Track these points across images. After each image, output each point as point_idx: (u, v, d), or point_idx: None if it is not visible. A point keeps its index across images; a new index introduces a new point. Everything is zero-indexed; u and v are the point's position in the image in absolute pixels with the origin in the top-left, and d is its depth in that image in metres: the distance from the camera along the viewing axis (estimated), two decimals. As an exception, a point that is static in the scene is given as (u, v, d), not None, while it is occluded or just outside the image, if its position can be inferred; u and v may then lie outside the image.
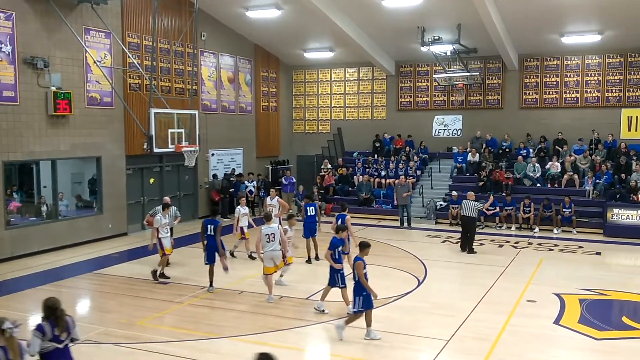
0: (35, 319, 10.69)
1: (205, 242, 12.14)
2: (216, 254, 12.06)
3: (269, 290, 11.41)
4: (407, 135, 24.70)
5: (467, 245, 15.99)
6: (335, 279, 10.47)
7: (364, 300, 9.14)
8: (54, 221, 16.41)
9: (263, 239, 11.29)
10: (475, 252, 15.84)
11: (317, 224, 14.82)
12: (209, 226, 12.08)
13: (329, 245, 10.52)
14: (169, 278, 12.55)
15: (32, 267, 14.28)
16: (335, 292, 10.58)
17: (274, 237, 11.27)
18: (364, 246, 9.45)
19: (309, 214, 14.76)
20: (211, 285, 12.10)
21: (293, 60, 26.35)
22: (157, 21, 17.16)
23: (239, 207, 15.16)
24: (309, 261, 14.59)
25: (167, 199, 14.63)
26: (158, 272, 12.80)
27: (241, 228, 14.91)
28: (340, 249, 10.59)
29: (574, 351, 9.10)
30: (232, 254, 14.90)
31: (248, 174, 22.93)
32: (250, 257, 14.88)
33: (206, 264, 12.13)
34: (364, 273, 9.15)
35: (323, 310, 10.62)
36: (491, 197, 17.22)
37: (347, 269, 12.62)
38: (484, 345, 9.09)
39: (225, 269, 12.13)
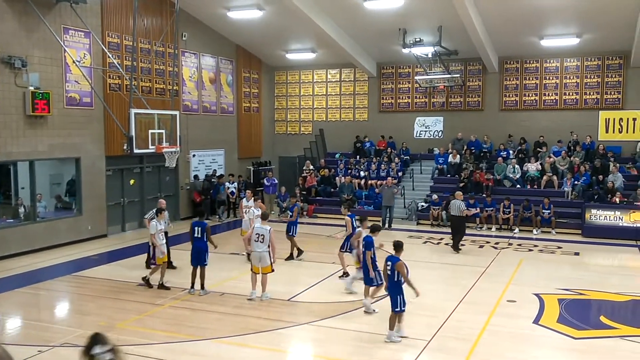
0: (14, 322, 10.56)
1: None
2: (206, 255, 11.89)
3: (252, 286, 11.49)
4: (389, 137, 24.81)
5: (454, 243, 16.16)
6: (374, 278, 10.51)
7: (404, 299, 9.25)
8: (32, 223, 16.15)
9: (252, 237, 11.40)
10: (459, 252, 16.00)
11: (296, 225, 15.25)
12: (196, 228, 11.93)
13: (364, 245, 10.53)
14: (152, 287, 12.42)
15: (10, 270, 14.05)
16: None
17: (262, 239, 11.27)
18: (400, 246, 9.47)
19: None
20: (192, 287, 12.01)
21: (275, 61, 26.30)
22: (138, 21, 17.00)
23: (252, 209, 14.85)
24: (290, 258, 14.91)
25: (162, 201, 14.13)
26: (147, 278, 12.58)
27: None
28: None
29: (553, 350, 9.20)
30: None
31: (229, 175, 22.82)
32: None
33: (191, 265, 12.04)
34: (407, 271, 9.21)
35: (374, 310, 10.64)
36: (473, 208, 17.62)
37: (335, 268, 12.66)
38: (465, 346, 9.16)
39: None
